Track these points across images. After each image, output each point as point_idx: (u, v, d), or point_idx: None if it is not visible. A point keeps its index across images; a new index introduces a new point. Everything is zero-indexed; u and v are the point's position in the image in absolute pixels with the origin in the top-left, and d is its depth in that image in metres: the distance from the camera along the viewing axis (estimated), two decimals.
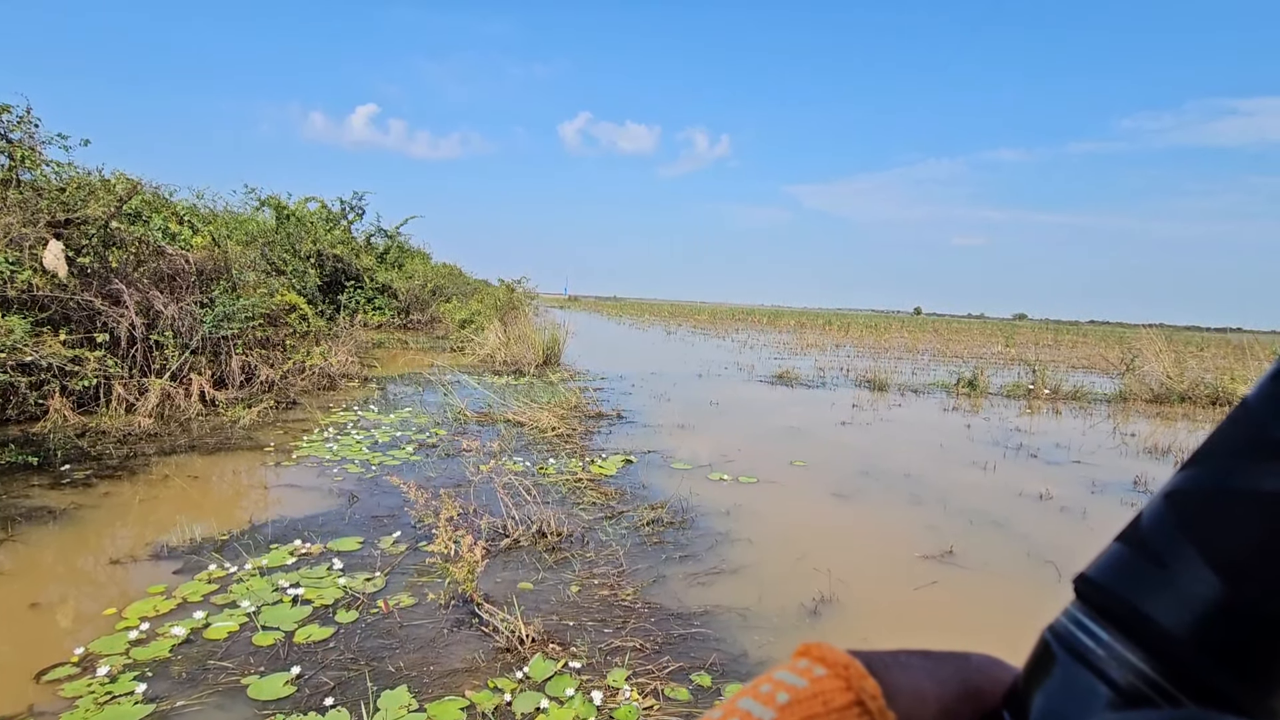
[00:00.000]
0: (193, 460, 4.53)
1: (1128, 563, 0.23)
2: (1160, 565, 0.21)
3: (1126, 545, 0.23)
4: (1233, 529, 0.20)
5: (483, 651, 2.29)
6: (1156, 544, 0.22)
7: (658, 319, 33.38)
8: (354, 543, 3.20)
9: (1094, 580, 0.24)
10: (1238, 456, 0.21)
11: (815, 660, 0.23)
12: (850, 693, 0.22)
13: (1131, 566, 0.22)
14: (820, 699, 0.22)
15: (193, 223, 7.85)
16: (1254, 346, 13.36)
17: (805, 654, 0.24)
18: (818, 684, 0.22)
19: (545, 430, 5.80)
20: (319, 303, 12.58)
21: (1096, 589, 0.23)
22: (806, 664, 0.23)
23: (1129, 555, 0.23)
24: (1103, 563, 0.24)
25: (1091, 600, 0.23)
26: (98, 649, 2.22)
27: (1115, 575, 0.23)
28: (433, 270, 19.26)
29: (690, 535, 3.51)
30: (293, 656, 2.23)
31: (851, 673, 0.22)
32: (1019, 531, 3.85)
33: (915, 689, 0.23)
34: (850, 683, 0.22)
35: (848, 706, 0.21)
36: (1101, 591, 0.23)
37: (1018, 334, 27.54)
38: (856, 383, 10.68)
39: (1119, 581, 0.22)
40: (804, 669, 0.23)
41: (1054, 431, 7.26)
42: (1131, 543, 0.23)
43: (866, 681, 0.22)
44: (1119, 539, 0.24)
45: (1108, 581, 0.23)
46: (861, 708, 0.21)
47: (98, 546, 3.10)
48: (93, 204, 5.89)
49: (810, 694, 0.22)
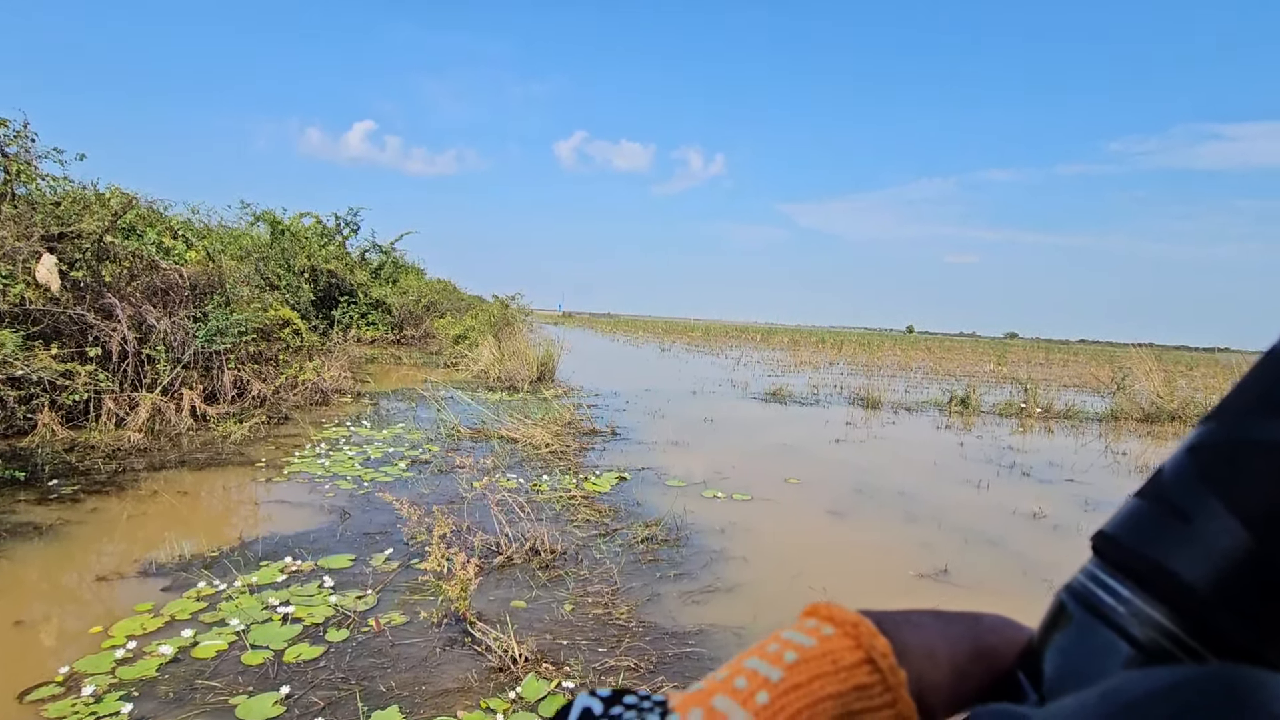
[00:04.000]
0: (183, 476, 4.49)
1: (1149, 517, 0.22)
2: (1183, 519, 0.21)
3: (1147, 500, 0.22)
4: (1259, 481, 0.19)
5: (475, 671, 2.27)
6: (1179, 497, 0.21)
7: (652, 336, 33.44)
8: (345, 560, 3.17)
9: (1113, 536, 0.23)
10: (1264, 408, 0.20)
11: (823, 619, 0.23)
12: (860, 651, 0.21)
13: (1153, 521, 0.22)
14: (829, 657, 0.21)
15: (187, 237, 7.86)
16: (1242, 366, 13.47)
17: (813, 613, 0.24)
18: (826, 643, 0.22)
19: (539, 447, 5.78)
20: (312, 318, 12.55)
21: (1116, 545, 0.22)
22: (814, 623, 0.23)
23: (1150, 510, 0.22)
24: (1122, 518, 0.23)
25: (1110, 557, 0.22)
26: (83, 668, 2.18)
27: (1136, 530, 0.22)
28: (427, 286, 19.28)
29: (685, 553, 3.49)
30: (282, 676, 2.20)
31: (861, 631, 0.22)
32: (1013, 550, 3.86)
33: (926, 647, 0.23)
34: (860, 641, 0.22)
35: (857, 665, 0.21)
36: (1121, 547, 0.22)
37: (1009, 352, 27.73)
38: (850, 400, 10.70)
39: (1140, 537, 0.22)
40: (812, 628, 0.23)
41: (1046, 450, 7.29)
42: (1152, 497, 0.22)
43: (876, 639, 0.22)
44: (1138, 494, 0.23)
45: (1128, 537, 0.22)
46: (872, 665, 0.21)
47: (84, 563, 3.06)
48: (87, 218, 5.89)
49: (819, 652, 0.22)
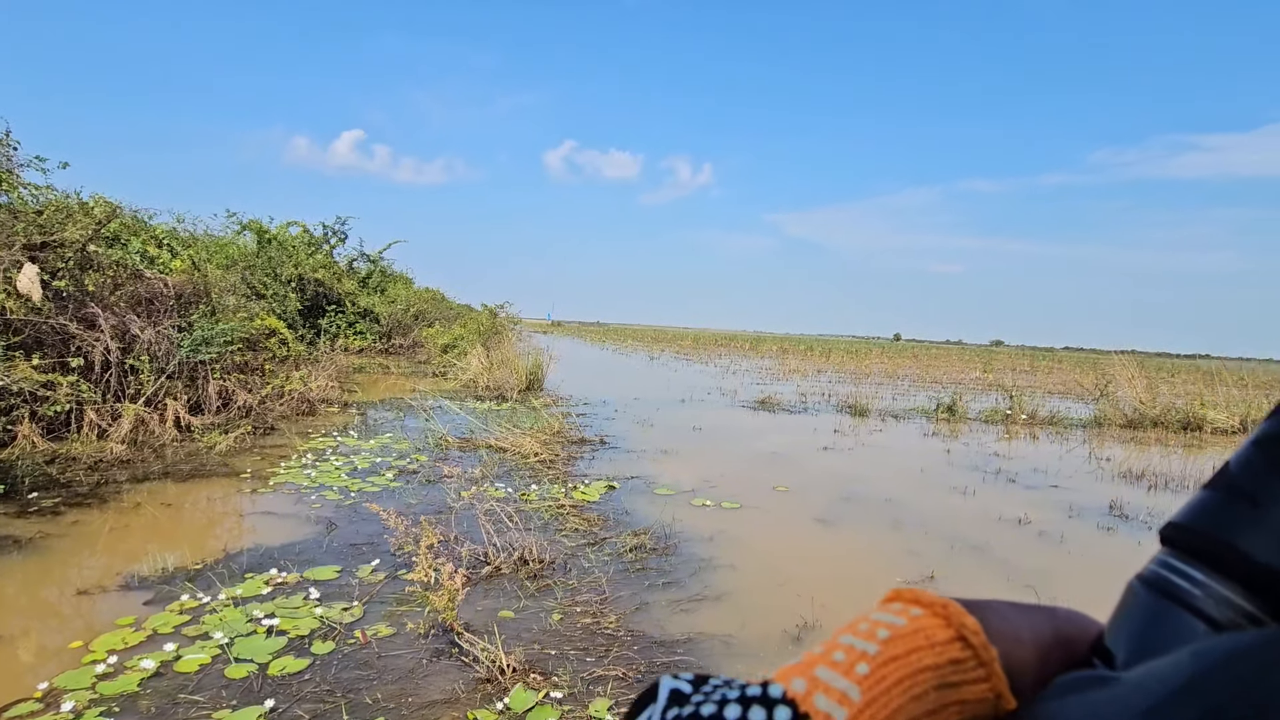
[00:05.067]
0: (166, 487, 4.44)
1: (1220, 505, 0.24)
2: (1254, 504, 0.22)
3: (1216, 490, 0.24)
4: None
5: (462, 682, 2.25)
6: (1249, 485, 0.23)
7: (641, 344, 33.46)
8: (331, 571, 3.14)
9: (1185, 525, 0.24)
10: None
11: (909, 603, 0.24)
12: (950, 629, 0.22)
13: (1224, 508, 0.23)
14: (922, 634, 0.22)
15: (172, 246, 7.80)
16: (1221, 373, 13.71)
17: (898, 597, 0.25)
18: (917, 621, 0.23)
19: (528, 456, 5.77)
20: (299, 327, 12.46)
21: (1188, 532, 0.24)
22: (900, 606, 0.24)
23: (1221, 498, 0.24)
24: (1192, 508, 0.25)
25: (1183, 544, 0.24)
26: (62, 684, 2.14)
27: (1208, 518, 0.24)
28: (415, 295, 19.20)
29: (673, 562, 3.49)
30: (267, 689, 2.17)
31: (950, 611, 0.23)
32: (998, 556, 3.89)
33: (1011, 631, 0.24)
34: (950, 620, 0.23)
35: (950, 641, 0.22)
36: (1194, 534, 0.24)
37: (995, 360, 28.00)
38: (838, 408, 10.76)
39: (1212, 523, 0.23)
40: (899, 610, 0.24)
41: (1031, 456, 7.36)
42: (1221, 488, 0.24)
43: (966, 618, 0.23)
44: (1206, 486, 0.25)
45: (1200, 524, 0.24)
46: (964, 642, 0.22)
47: (64, 577, 3.02)
48: (70, 227, 5.83)
49: (911, 629, 0.23)
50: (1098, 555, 4.02)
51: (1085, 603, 1.12)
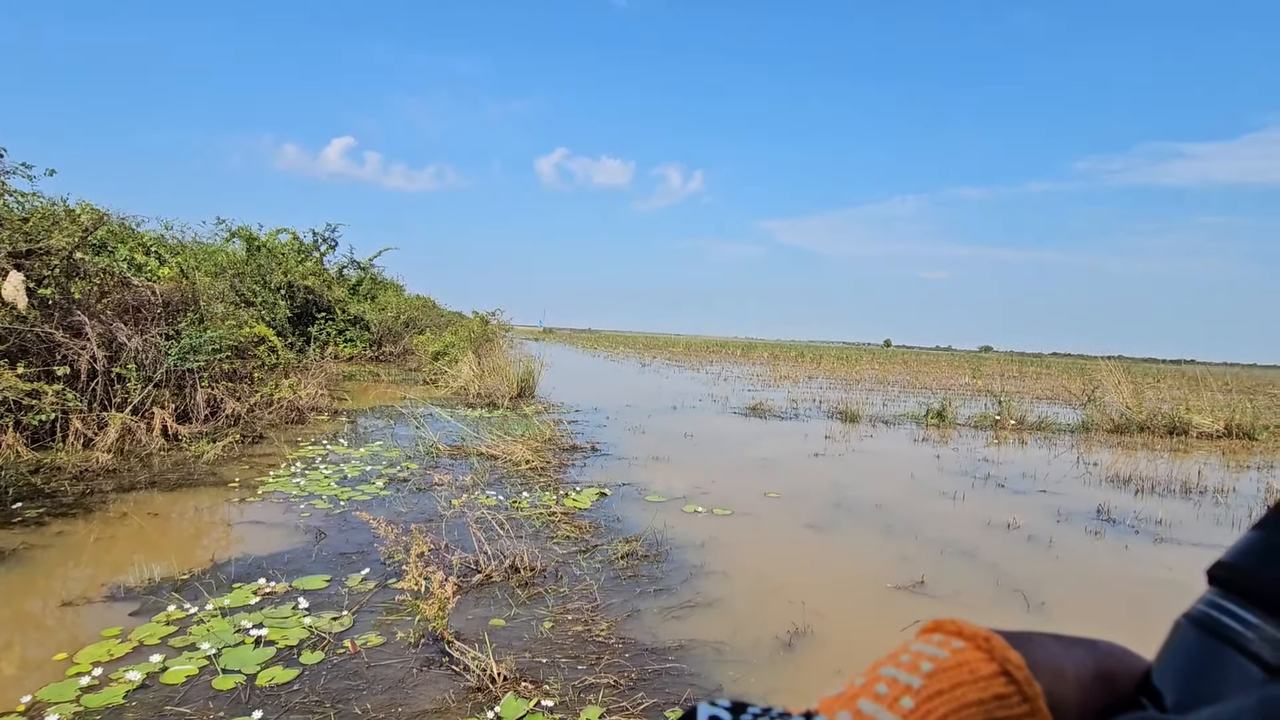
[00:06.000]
0: (153, 497, 4.39)
1: (1273, 546, 0.23)
2: None
3: (1267, 531, 0.24)
4: None
5: (453, 691, 2.24)
6: None
7: (633, 351, 33.47)
8: (321, 581, 3.12)
9: (1236, 565, 0.24)
10: None
11: (950, 635, 0.24)
12: (994, 664, 0.22)
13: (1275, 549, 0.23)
14: (966, 667, 0.22)
15: (160, 254, 7.75)
16: (1206, 378, 13.88)
17: (938, 629, 0.24)
18: (959, 655, 0.23)
19: (519, 464, 5.75)
20: (289, 334, 12.39)
21: (1239, 573, 0.24)
22: (941, 638, 0.24)
23: (1271, 540, 0.23)
24: (1242, 549, 0.24)
25: (1233, 585, 0.24)
26: (46, 696, 2.12)
27: (1259, 559, 0.23)
28: (406, 302, 19.14)
29: (665, 568, 3.49)
30: (255, 700, 2.15)
31: (994, 644, 0.23)
32: (988, 561, 3.91)
33: (1054, 665, 0.23)
34: (993, 654, 0.22)
35: (993, 676, 0.22)
36: (1246, 575, 0.23)
37: (984, 366, 28.19)
38: (829, 414, 10.80)
39: (1263, 564, 0.23)
40: (940, 642, 0.24)
41: (1020, 461, 7.41)
42: (1272, 528, 0.24)
43: (1009, 653, 0.22)
44: (1257, 527, 0.24)
45: (1251, 565, 0.23)
46: (1008, 677, 0.22)
47: (48, 588, 2.98)
48: (56, 235, 5.79)
49: (954, 663, 0.22)
50: (1086, 559, 4.05)
51: (1077, 604, 1.15)
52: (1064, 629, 1.12)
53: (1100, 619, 3.18)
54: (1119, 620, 3.17)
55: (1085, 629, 1.35)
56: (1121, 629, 3.04)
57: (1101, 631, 1.13)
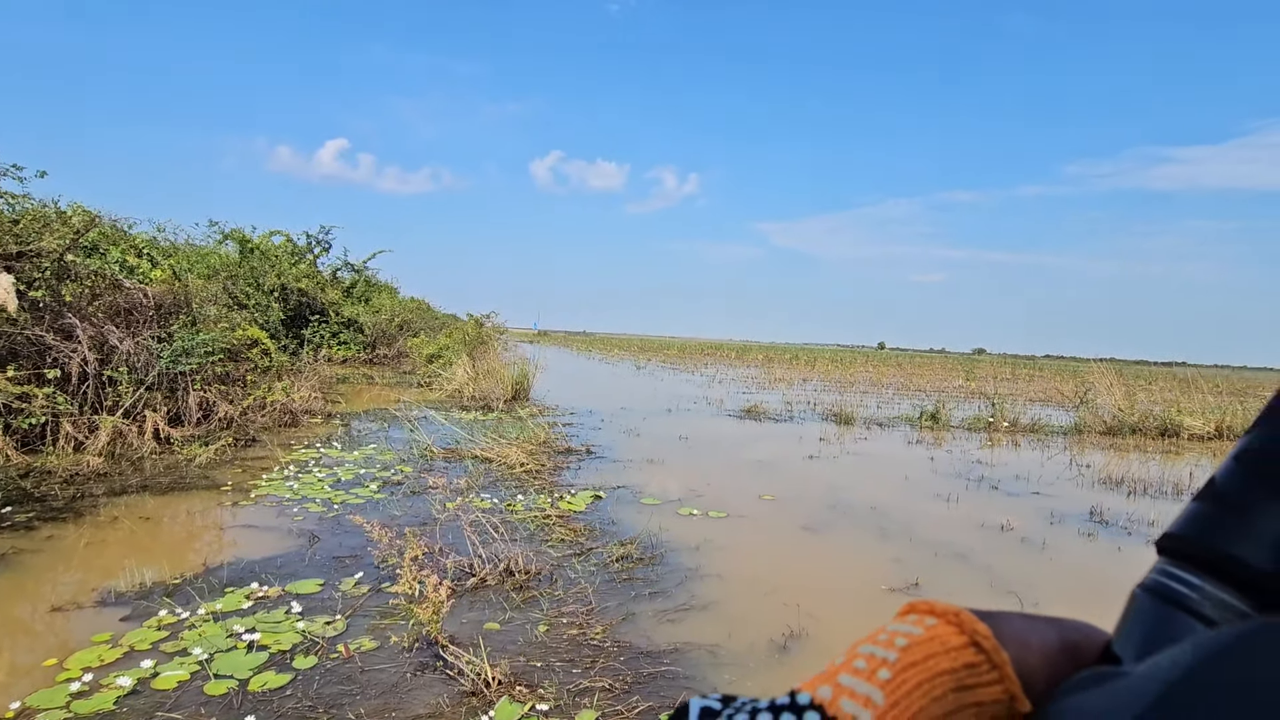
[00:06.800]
0: (144, 501, 4.36)
1: (1210, 515, 0.26)
2: (1240, 513, 0.25)
3: (1205, 502, 0.26)
4: None
5: (447, 696, 2.23)
6: (1234, 496, 0.25)
7: (628, 354, 33.47)
8: (314, 585, 3.10)
9: (1180, 535, 0.27)
10: None
11: (924, 613, 0.26)
12: (963, 635, 0.24)
13: (1214, 518, 0.26)
14: (937, 640, 0.24)
15: (152, 256, 7.71)
16: (1198, 380, 13.96)
17: (912, 610, 0.26)
18: (932, 630, 0.24)
19: (514, 466, 5.74)
20: (282, 337, 12.33)
21: (1184, 541, 0.26)
22: (916, 617, 0.26)
23: (1210, 509, 0.26)
24: (1185, 520, 0.27)
25: (1179, 553, 0.26)
26: (36, 703, 2.10)
27: (1200, 527, 0.26)
28: (400, 305, 19.09)
29: (660, 571, 3.49)
30: (247, 705, 2.14)
31: (963, 619, 0.24)
32: (981, 563, 3.92)
33: (1019, 637, 0.25)
34: (962, 627, 0.24)
35: (964, 646, 0.24)
36: (1189, 542, 0.26)
37: (977, 368, 28.31)
38: (823, 417, 10.82)
39: (1204, 532, 0.26)
40: (915, 620, 0.25)
41: (1014, 463, 7.44)
42: (1209, 499, 0.26)
43: (978, 625, 0.24)
44: (1196, 499, 0.27)
45: (1194, 533, 0.26)
46: (977, 648, 0.24)
47: (38, 593, 2.95)
48: (47, 236, 5.75)
49: (928, 637, 0.24)
50: (1079, 560, 4.06)
51: (1070, 605, 1.16)
52: None
53: (1093, 619, 3.18)
54: (1111, 620, 3.19)
55: None
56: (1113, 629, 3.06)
57: None
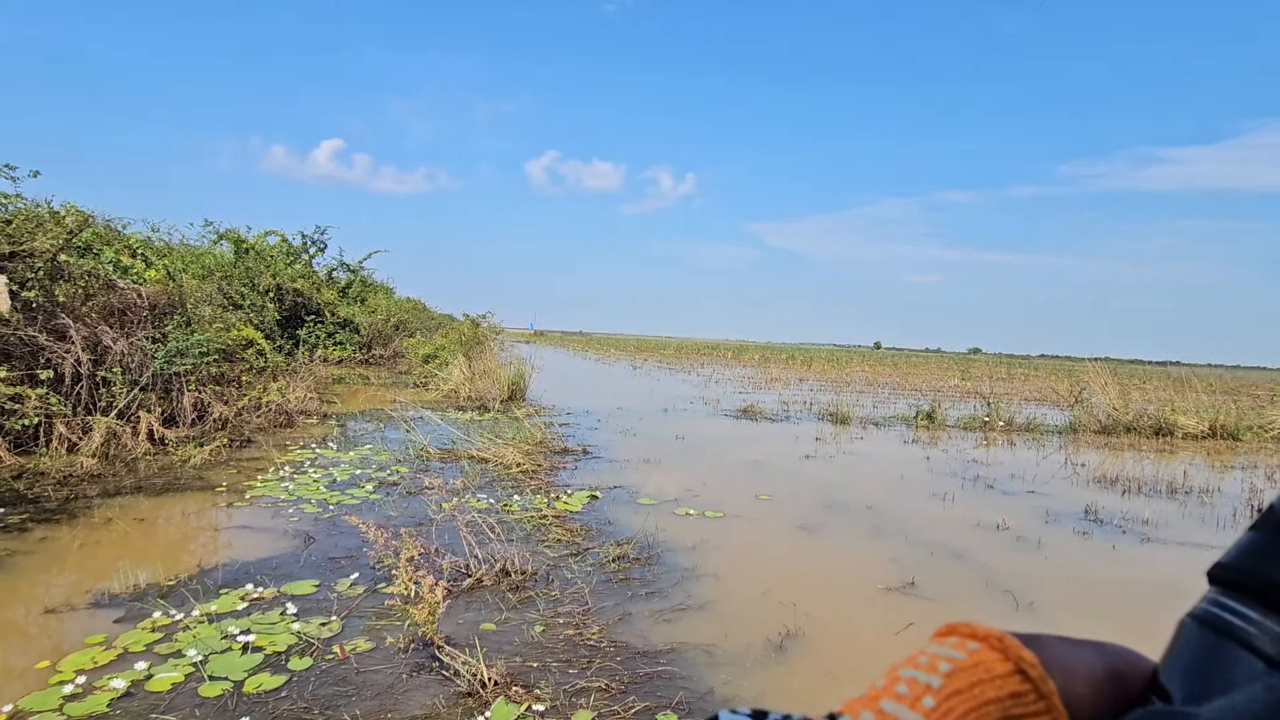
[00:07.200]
0: (139, 502, 4.34)
1: (1268, 545, 0.25)
2: None
3: (1262, 531, 0.25)
4: None
5: (443, 697, 2.23)
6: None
7: (624, 354, 33.46)
8: (309, 586, 3.09)
9: (1235, 565, 0.25)
10: None
11: (965, 636, 0.25)
12: (1009, 662, 0.23)
13: (1272, 548, 0.24)
14: (982, 667, 0.23)
15: (146, 256, 7.67)
16: (1191, 379, 14.04)
17: (952, 631, 0.25)
18: (975, 655, 0.23)
19: (510, 467, 5.73)
20: (277, 338, 12.30)
21: (1239, 572, 0.25)
22: (957, 640, 0.25)
23: (1268, 539, 0.25)
24: (1240, 549, 0.26)
25: (1233, 584, 0.25)
26: (28, 705, 2.08)
27: (1256, 557, 0.25)
28: (396, 305, 19.03)
29: (656, 571, 3.49)
30: (242, 707, 2.13)
31: (1007, 644, 0.23)
32: (977, 562, 3.93)
33: (1065, 664, 0.24)
34: (1007, 653, 0.23)
35: (1009, 674, 0.23)
36: (1244, 572, 0.25)
37: (973, 368, 28.40)
38: (819, 416, 10.84)
39: (1261, 562, 0.24)
40: (956, 644, 0.24)
41: (1009, 462, 7.46)
42: (1267, 528, 0.25)
43: (1024, 652, 0.23)
44: (1252, 528, 0.26)
45: (1249, 563, 0.25)
46: (1023, 675, 0.23)
47: (31, 595, 2.93)
48: (40, 236, 5.71)
49: (971, 663, 0.23)
50: (1074, 559, 4.08)
51: (1066, 603, 1.16)
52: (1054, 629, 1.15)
53: (1089, 618, 3.20)
54: (1107, 619, 3.20)
55: (1075, 629, 1.38)
56: (1110, 628, 3.06)
57: (1091, 631, 1.15)
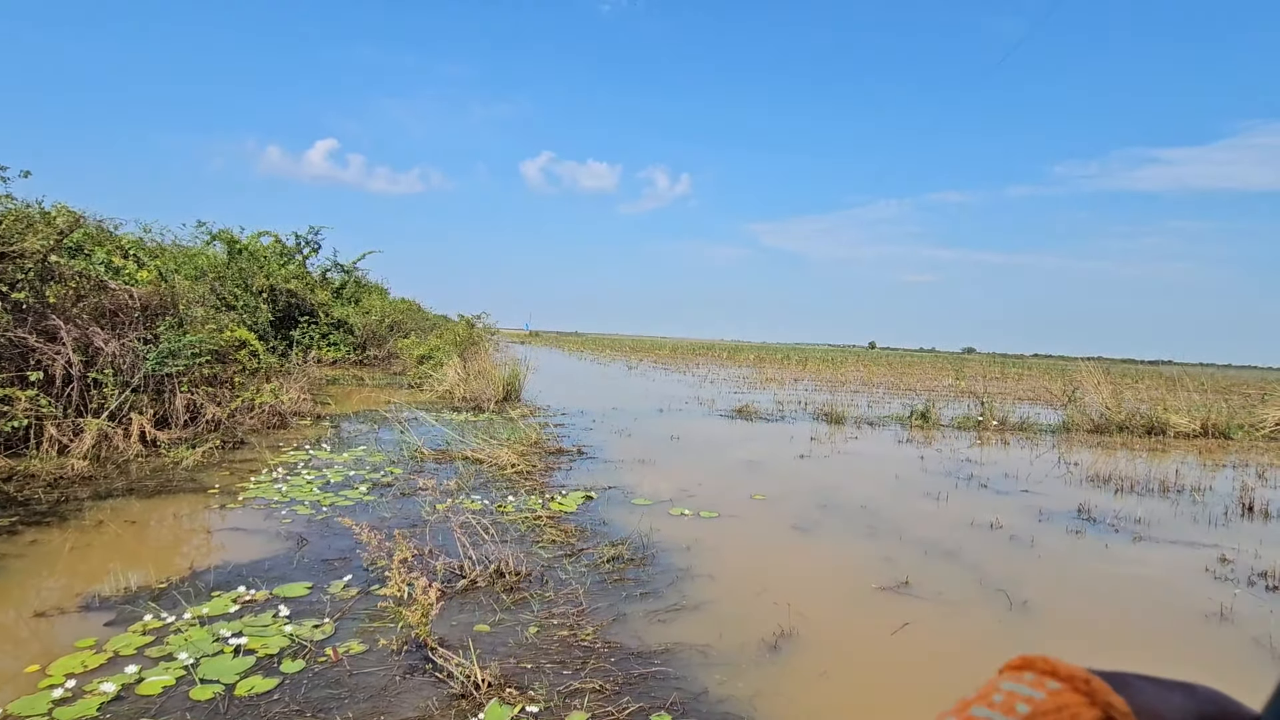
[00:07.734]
0: (130, 504, 4.31)
1: None
2: None
3: None
4: None
5: (436, 699, 2.22)
6: None
7: (620, 354, 33.46)
8: (302, 588, 3.08)
9: None
10: None
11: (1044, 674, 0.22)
12: (1096, 709, 0.21)
13: None
14: (1066, 711, 0.21)
15: (138, 257, 7.62)
16: (1183, 378, 14.10)
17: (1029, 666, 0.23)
18: (1057, 697, 0.21)
19: (504, 467, 5.72)
20: (271, 339, 12.24)
21: None
22: (1034, 677, 0.22)
23: None
24: None
25: None
26: (17, 710, 2.07)
27: None
28: (391, 306, 18.98)
29: (651, 572, 3.49)
30: (234, 711, 2.12)
31: (1094, 687, 0.21)
32: (971, 561, 3.94)
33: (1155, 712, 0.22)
34: (1094, 698, 0.21)
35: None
36: None
37: (967, 367, 28.49)
38: (814, 416, 10.86)
39: None
40: (1034, 681, 0.22)
41: (1003, 462, 7.49)
42: None
43: (1113, 697, 0.21)
44: None
45: None
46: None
47: (21, 598, 2.91)
48: (30, 237, 5.67)
49: (1053, 706, 0.21)
50: (1067, 558, 4.09)
51: (1059, 603, 1.16)
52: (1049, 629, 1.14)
53: (1082, 617, 3.21)
54: (1102, 619, 3.21)
55: (1070, 629, 1.38)
56: (1105, 627, 3.08)
57: (1089, 630, 1.16)
